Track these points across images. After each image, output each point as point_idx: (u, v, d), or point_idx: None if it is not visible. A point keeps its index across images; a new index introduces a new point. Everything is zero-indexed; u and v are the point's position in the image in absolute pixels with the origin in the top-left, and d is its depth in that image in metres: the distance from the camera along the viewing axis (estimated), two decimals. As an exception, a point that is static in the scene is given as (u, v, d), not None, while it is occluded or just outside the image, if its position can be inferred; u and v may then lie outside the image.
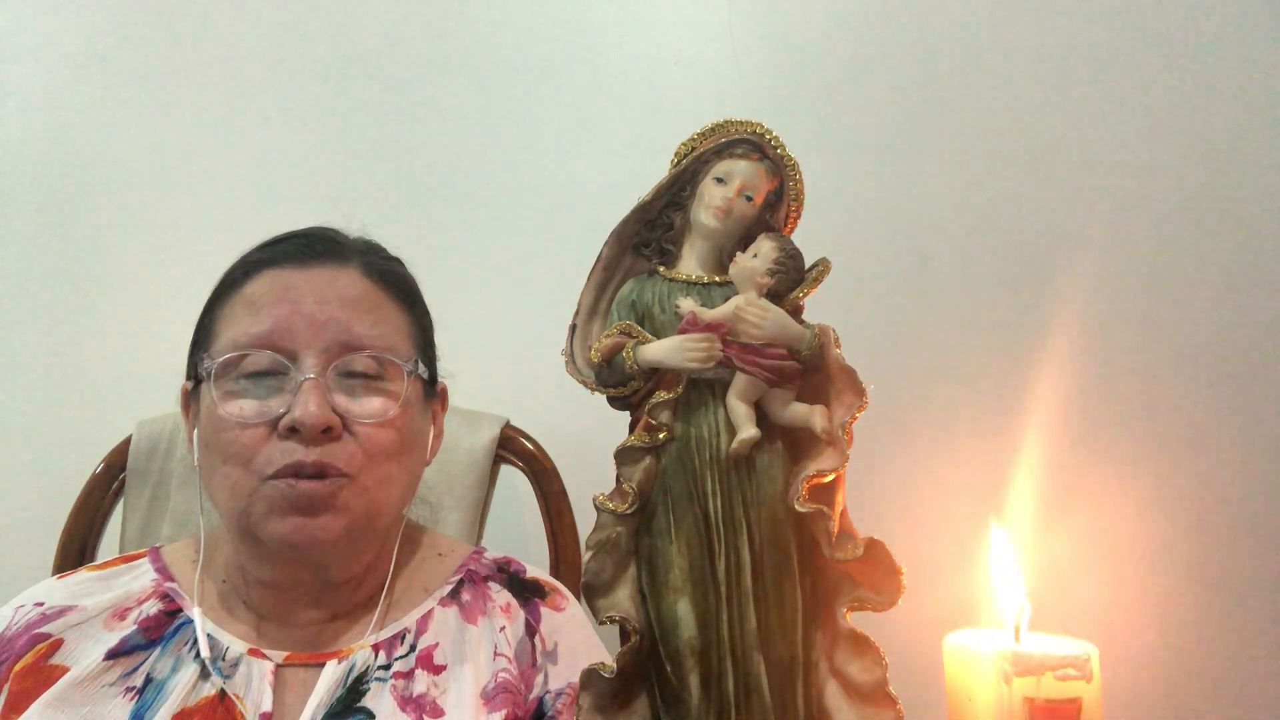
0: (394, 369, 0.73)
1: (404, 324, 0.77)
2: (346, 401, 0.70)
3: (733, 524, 0.58)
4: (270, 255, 0.76)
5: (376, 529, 0.74)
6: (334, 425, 0.68)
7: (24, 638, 0.71)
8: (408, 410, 0.74)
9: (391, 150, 1.33)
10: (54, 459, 1.25)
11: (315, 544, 0.69)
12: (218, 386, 0.70)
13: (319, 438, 0.68)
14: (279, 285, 0.73)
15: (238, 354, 0.70)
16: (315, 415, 0.67)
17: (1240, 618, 1.18)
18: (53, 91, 1.34)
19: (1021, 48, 1.28)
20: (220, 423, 0.69)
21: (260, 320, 0.71)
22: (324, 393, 0.69)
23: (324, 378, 0.69)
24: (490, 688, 0.73)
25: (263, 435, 0.68)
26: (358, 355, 0.71)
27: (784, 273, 0.60)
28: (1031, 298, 1.24)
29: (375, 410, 0.71)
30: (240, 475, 0.69)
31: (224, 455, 0.69)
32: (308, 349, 0.70)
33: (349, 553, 0.73)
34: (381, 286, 0.77)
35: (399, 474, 0.74)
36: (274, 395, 0.69)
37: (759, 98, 1.30)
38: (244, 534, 0.70)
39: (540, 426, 1.10)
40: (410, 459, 0.75)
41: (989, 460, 1.22)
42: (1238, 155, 1.24)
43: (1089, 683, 0.68)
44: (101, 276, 1.31)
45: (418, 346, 0.78)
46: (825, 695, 0.58)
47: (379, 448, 0.71)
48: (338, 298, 0.73)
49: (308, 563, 0.71)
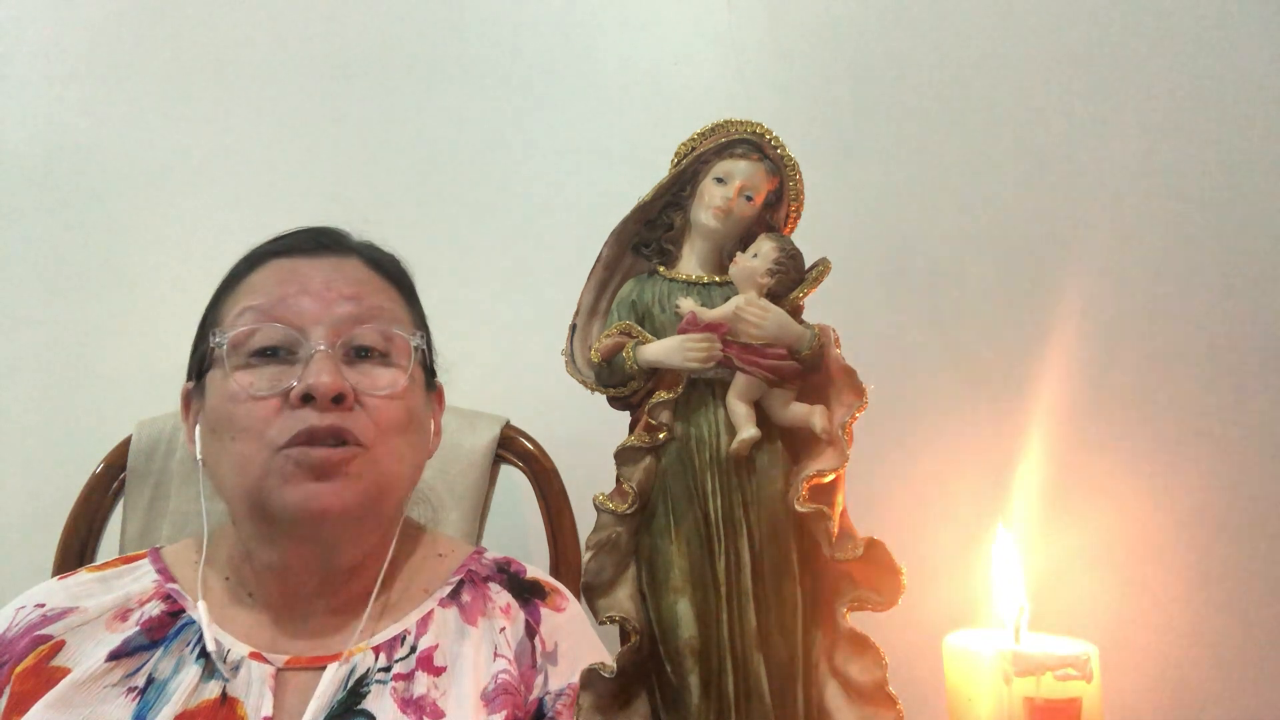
0: (401, 344, 0.75)
1: (405, 313, 0.80)
2: (356, 375, 0.72)
3: (733, 524, 0.58)
4: (275, 247, 0.78)
5: (384, 506, 0.75)
6: (346, 393, 0.70)
7: (25, 639, 0.71)
8: (413, 389, 0.76)
9: (391, 150, 1.33)
10: (54, 459, 1.25)
11: (328, 513, 0.69)
12: (230, 361, 0.71)
13: (332, 406, 0.69)
14: (285, 270, 0.75)
15: (249, 328, 0.71)
16: (328, 383, 0.68)
17: (1240, 618, 1.18)
18: (53, 91, 1.34)
19: (1021, 48, 1.28)
20: (232, 398, 0.70)
21: (267, 300, 0.73)
22: (335, 363, 0.70)
23: (334, 350, 0.71)
24: (490, 689, 0.73)
25: (275, 407, 0.69)
26: (366, 329, 0.73)
27: (784, 273, 0.61)
28: (1031, 297, 1.24)
29: (385, 383, 0.73)
30: (253, 448, 0.69)
31: (235, 431, 0.70)
32: (316, 324, 0.72)
33: (357, 529, 0.73)
34: (383, 275, 0.79)
35: (408, 451, 0.75)
36: (285, 369, 0.71)
37: (759, 98, 1.30)
38: (255, 511, 0.71)
39: (540, 426, 1.10)
40: (417, 439, 0.77)
41: (989, 461, 1.22)
42: (1238, 155, 1.24)
43: (1089, 683, 0.68)
44: (101, 276, 1.31)
45: (420, 334, 0.80)
46: (825, 695, 0.58)
47: (389, 421, 0.72)
48: (343, 280, 0.75)
49: (317, 539, 0.72)
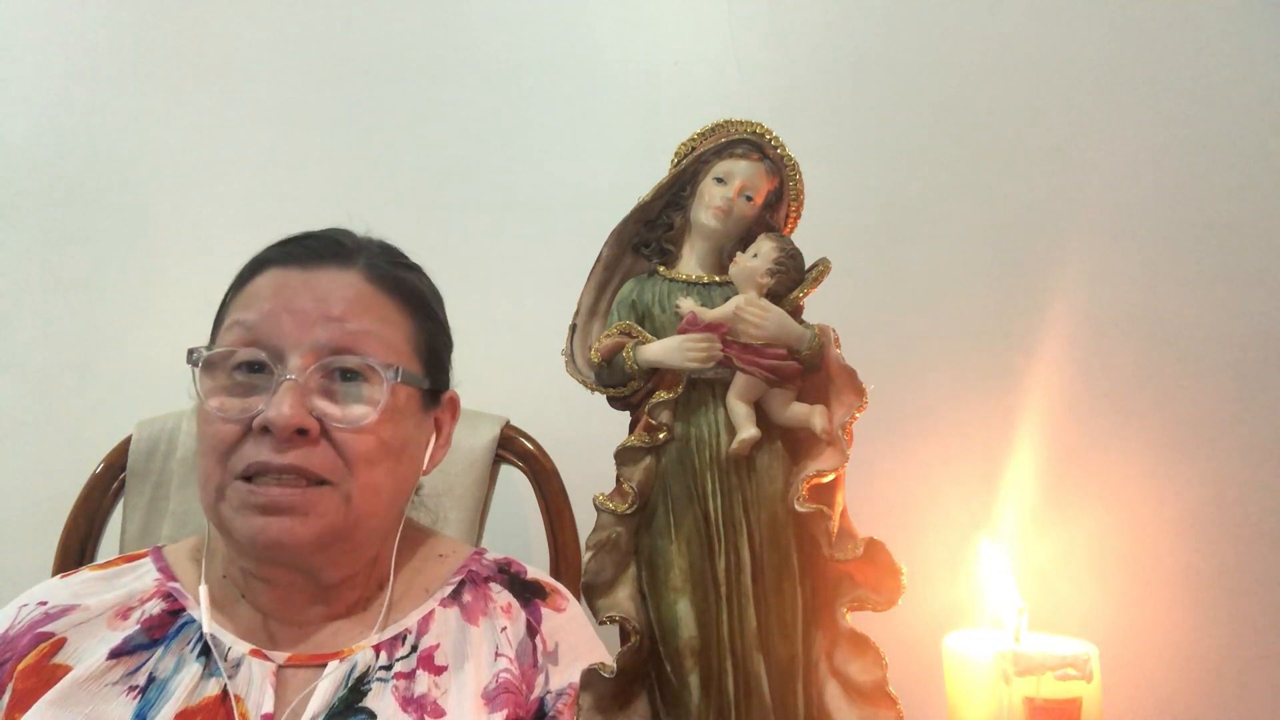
0: (377, 375, 0.72)
1: (405, 330, 0.76)
2: (326, 405, 0.70)
3: (733, 524, 0.58)
4: (276, 254, 0.76)
5: (358, 536, 0.73)
6: (309, 428, 0.68)
7: (27, 637, 0.71)
8: (393, 418, 0.73)
9: (391, 151, 1.33)
10: (54, 459, 1.25)
11: (281, 546, 0.68)
12: (209, 378, 0.71)
13: (293, 438, 0.68)
14: (276, 284, 0.73)
15: (226, 349, 0.71)
16: (287, 416, 0.67)
17: (1240, 617, 1.18)
18: (53, 91, 1.34)
19: (1020, 48, 1.28)
20: (205, 415, 0.70)
21: (253, 316, 0.71)
22: (301, 394, 0.68)
23: (305, 378, 0.69)
24: (491, 688, 0.73)
25: (239, 432, 0.69)
26: (342, 357, 0.71)
27: (784, 273, 0.61)
28: (1028, 297, 1.24)
29: (354, 416, 0.70)
30: (215, 469, 0.69)
31: (203, 448, 0.71)
32: (294, 348, 0.70)
33: (328, 556, 0.72)
34: (384, 291, 0.76)
35: (385, 481, 0.73)
36: (256, 393, 0.70)
37: (759, 98, 1.30)
38: (220, 529, 0.71)
39: (540, 426, 1.10)
40: (399, 466, 0.74)
41: (989, 460, 1.22)
42: (1237, 155, 1.24)
43: (1089, 683, 0.68)
44: (101, 276, 1.31)
45: (420, 354, 0.77)
46: (825, 695, 0.58)
47: (358, 454, 0.70)
48: (333, 298, 0.72)
49: (281, 564, 0.72)
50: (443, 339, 0.82)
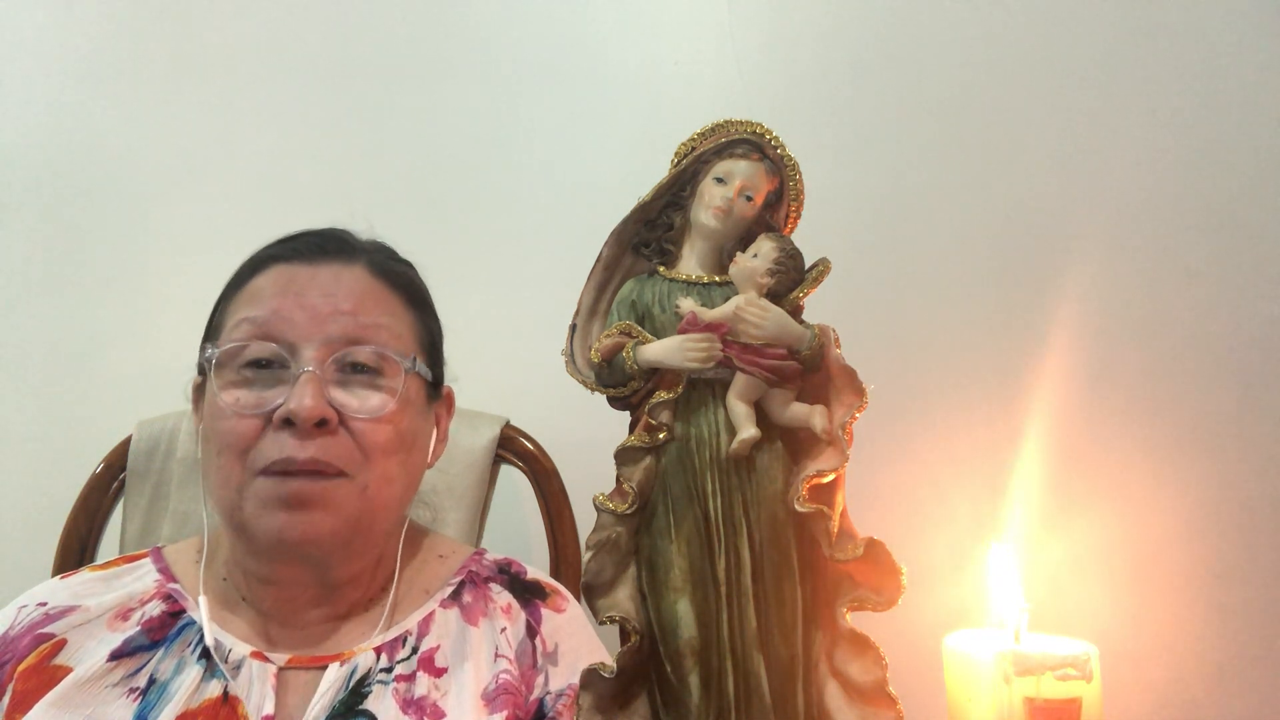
0: (392, 365, 0.73)
1: (409, 324, 0.78)
2: (344, 396, 0.70)
3: (733, 524, 0.58)
4: (279, 251, 0.76)
5: (375, 529, 0.74)
6: (329, 418, 0.68)
7: (27, 638, 0.71)
8: (406, 408, 0.74)
9: (391, 151, 1.33)
10: (54, 459, 1.25)
11: (305, 541, 0.69)
12: (219, 376, 0.71)
13: (313, 431, 0.68)
14: (284, 279, 0.74)
15: (239, 344, 0.71)
16: (309, 408, 0.67)
17: (1245, 618, 1.18)
18: (53, 91, 1.34)
19: (1021, 48, 1.28)
20: (219, 412, 0.70)
21: (263, 311, 0.71)
22: (320, 386, 0.69)
23: (322, 371, 0.70)
24: (491, 689, 0.73)
25: (258, 427, 0.69)
26: (358, 349, 0.72)
27: (784, 273, 0.61)
28: (1031, 297, 1.24)
29: (372, 406, 0.71)
30: (234, 467, 0.69)
31: (220, 446, 0.70)
32: (308, 341, 0.70)
33: (346, 552, 0.73)
34: (388, 285, 0.77)
35: (399, 473, 0.73)
36: (273, 387, 0.70)
37: (759, 98, 1.30)
38: (238, 530, 0.71)
39: (540, 426, 1.10)
40: (410, 458, 0.75)
41: (989, 459, 1.22)
42: (1238, 155, 1.24)
43: (1089, 683, 0.68)
44: (101, 276, 1.31)
45: (423, 348, 0.78)
46: (825, 695, 0.58)
47: (376, 445, 0.71)
48: (342, 292, 0.73)
49: (302, 560, 0.71)
50: (439, 334, 0.83)
